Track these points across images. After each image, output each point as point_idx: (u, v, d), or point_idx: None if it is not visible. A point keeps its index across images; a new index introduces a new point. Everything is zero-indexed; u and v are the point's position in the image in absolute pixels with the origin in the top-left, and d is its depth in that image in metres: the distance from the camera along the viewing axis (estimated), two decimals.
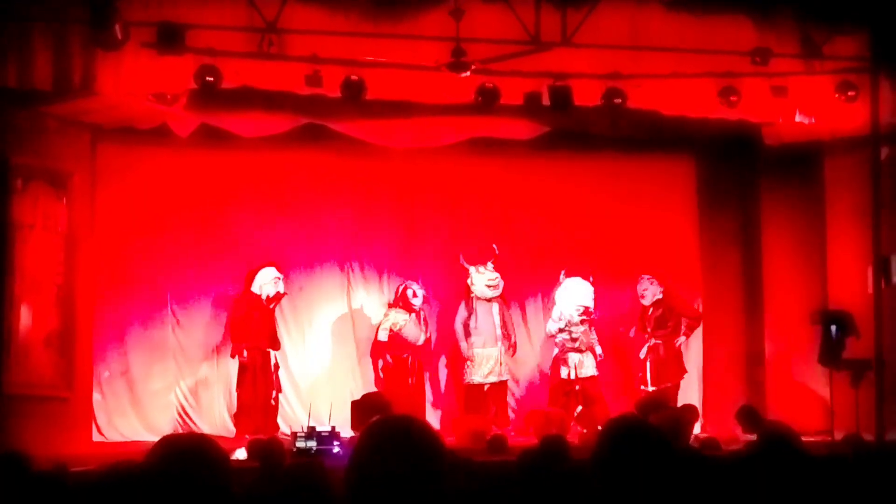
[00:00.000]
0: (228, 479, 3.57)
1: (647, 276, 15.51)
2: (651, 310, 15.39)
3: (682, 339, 15.40)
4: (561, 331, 15.18)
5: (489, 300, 15.36)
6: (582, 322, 15.16)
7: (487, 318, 15.33)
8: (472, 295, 15.38)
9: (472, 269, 15.35)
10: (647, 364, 15.26)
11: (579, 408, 14.90)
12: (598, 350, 15.31)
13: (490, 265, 15.37)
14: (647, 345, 15.34)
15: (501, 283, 15.40)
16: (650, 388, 15.06)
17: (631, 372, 15.82)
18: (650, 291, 15.44)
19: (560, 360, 15.19)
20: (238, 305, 14.61)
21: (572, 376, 15.06)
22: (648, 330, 15.35)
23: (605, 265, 15.89)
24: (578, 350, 15.13)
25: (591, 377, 15.17)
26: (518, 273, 15.84)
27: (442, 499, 3.30)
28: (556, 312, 15.33)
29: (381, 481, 3.27)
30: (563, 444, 8.50)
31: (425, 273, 15.84)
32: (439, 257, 16.04)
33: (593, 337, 15.30)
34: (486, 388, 15.23)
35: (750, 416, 13.40)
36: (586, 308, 15.19)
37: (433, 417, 15.42)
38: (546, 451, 7.84)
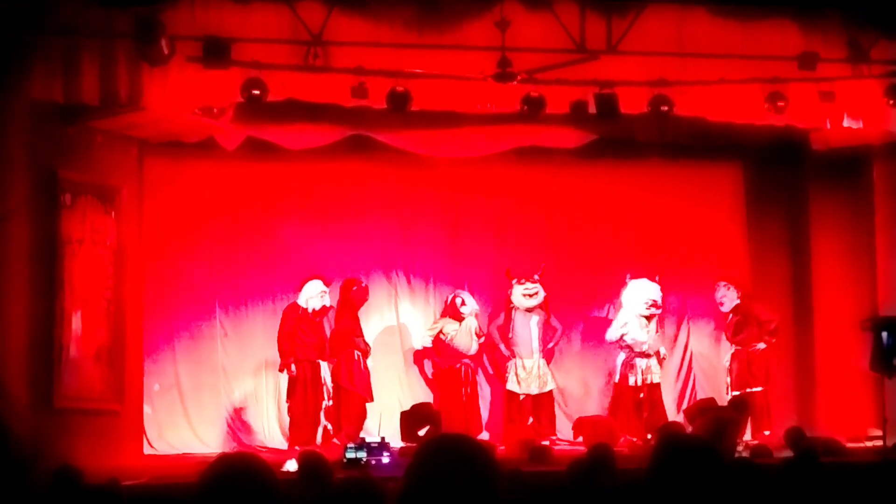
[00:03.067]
0: (278, 499, 3.57)
1: (723, 283, 15.48)
2: (730, 316, 15.37)
3: (762, 345, 15.20)
4: (624, 334, 15.08)
5: (528, 310, 15.24)
6: (650, 317, 15.08)
7: (525, 330, 15.21)
8: (510, 305, 15.30)
9: (514, 282, 15.24)
10: (730, 370, 15.26)
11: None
12: (663, 351, 15.27)
13: (536, 277, 15.29)
14: (729, 351, 15.37)
15: (541, 294, 15.25)
16: (731, 394, 15.08)
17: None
18: (728, 298, 15.40)
19: (627, 367, 15.06)
20: (285, 319, 14.64)
21: (639, 382, 14.98)
22: (729, 336, 15.39)
23: (653, 273, 15.76)
24: (646, 355, 15.06)
25: (657, 384, 15.10)
26: (563, 283, 15.73)
27: None
28: (621, 316, 15.21)
29: (436, 501, 3.26)
30: (610, 453, 8.45)
31: (471, 283, 15.78)
32: (485, 267, 16.00)
33: (657, 335, 15.21)
34: (521, 398, 15.15)
35: (796, 438, 13.15)
36: (654, 301, 15.12)
37: (487, 427, 15.41)
38: (593, 461, 7.81)
